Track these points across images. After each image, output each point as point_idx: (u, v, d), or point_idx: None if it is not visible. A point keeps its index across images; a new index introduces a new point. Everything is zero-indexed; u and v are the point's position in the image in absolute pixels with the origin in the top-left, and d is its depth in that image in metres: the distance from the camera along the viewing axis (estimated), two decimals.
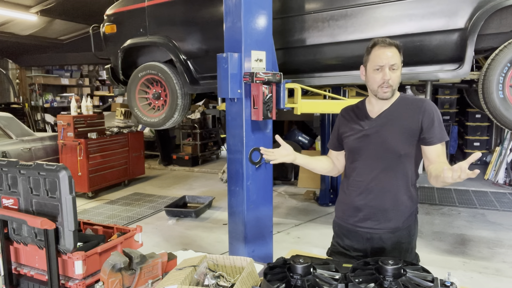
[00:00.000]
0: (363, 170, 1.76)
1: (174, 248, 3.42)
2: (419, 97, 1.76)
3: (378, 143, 1.70)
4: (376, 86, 1.67)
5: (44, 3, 7.90)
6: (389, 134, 1.69)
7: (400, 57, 1.66)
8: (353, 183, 1.80)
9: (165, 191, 6.41)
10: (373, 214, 1.74)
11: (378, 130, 1.71)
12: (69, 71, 11.69)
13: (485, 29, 2.83)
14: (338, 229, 1.91)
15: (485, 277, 3.36)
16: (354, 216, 1.79)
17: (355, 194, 1.78)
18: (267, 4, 2.75)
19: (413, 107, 1.68)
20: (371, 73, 1.69)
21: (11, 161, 2.06)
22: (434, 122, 1.64)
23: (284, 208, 5.40)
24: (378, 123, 1.72)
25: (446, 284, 1.30)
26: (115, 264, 1.54)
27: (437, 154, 1.65)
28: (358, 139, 1.76)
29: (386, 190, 1.72)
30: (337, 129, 1.90)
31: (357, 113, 1.82)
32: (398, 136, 1.67)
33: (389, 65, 1.63)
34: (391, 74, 1.63)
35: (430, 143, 1.65)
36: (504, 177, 6.43)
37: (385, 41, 1.65)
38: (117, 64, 4.27)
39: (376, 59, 1.65)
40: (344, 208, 1.86)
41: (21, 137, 5.58)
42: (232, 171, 2.83)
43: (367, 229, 1.76)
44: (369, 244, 1.78)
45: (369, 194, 1.74)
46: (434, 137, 1.64)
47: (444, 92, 7.77)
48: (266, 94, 2.68)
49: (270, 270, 1.40)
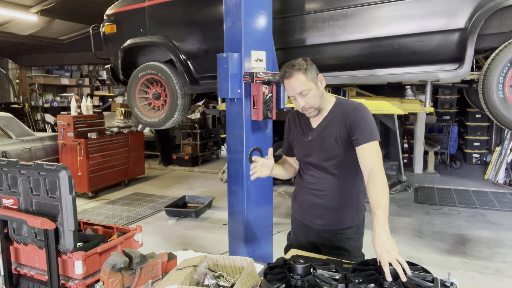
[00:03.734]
0: (313, 174, 1.88)
1: (174, 248, 3.42)
2: (351, 101, 1.82)
3: (321, 151, 1.81)
4: (300, 109, 1.79)
5: (44, 3, 7.90)
6: (328, 141, 1.79)
7: (308, 76, 1.69)
8: (307, 184, 1.92)
9: (165, 191, 6.41)
10: (323, 213, 1.87)
11: (319, 139, 1.82)
12: (69, 71, 11.69)
13: (485, 29, 2.83)
14: (294, 223, 2.06)
15: (485, 277, 3.36)
16: (308, 213, 1.93)
17: (308, 193, 1.91)
18: (267, 4, 2.75)
19: (343, 112, 1.76)
20: (292, 100, 1.79)
21: (11, 161, 2.06)
22: (360, 123, 1.69)
23: (284, 208, 5.40)
24: (318, 133, 1.82)
25: (446, 284, 1.30)
26: (115, 264, 1.54)
27: (363, 154, 1.67)
28: (304, 150, 1.88)
29: (335, 192, 1.83)
30: (287, 136, 2.02)
31: (301, 121, 1.92)
32: (335, 143, 1.77)
33: (297, 94, 1.72)
34: (304, 99, 1.72)
35: (357, 144, 1.70)
36: (504, 177, 6.43)
37: (286, 73, 1.72)
38: (117, 64, 4.27)
39: (287, 91, 1.77)
40: (300, 204, 1.99)
41: (21, 137, 5.58)
42: (232, 171, 2.83)
43: (318, 225, 1.91)
44: (320, 239, 1.92)
45: (320, 195, 1.86)
46: (360, 138, 1.68)
47: (444, 92, 7.78)
48: (266, 94, 2.68)
49: (270, 270, 1.40)
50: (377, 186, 1.55)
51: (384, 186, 1.56)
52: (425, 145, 7.14)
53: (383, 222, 1.45)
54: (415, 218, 4.85)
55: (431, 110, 3.35)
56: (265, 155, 2.83)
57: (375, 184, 1.56)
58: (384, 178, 1.59)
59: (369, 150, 1.67)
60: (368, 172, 1.62)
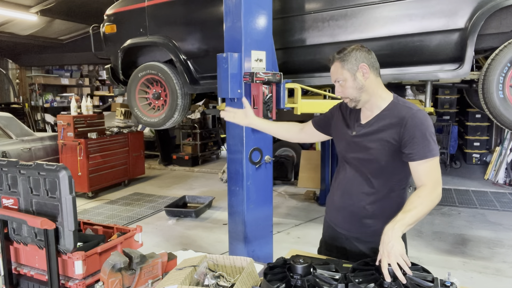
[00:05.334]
0: (347, 173, 1.76)
1: (174, 248, 3.42)
2: (410, 105, 1.61)
3: (363, 150, 1.67)
4: (339, 96, 1.73)
5: (44, 3, 7.90)
6: (374, 143, 1.63)
7: (345, 66, 1.61)
8: (339, 183, 1.81)
9: (165, 191, 6.41)
10: (350, 217, 1.74)
11: (364, 138, 1.67)
12: (69, 71, 11.69)
13: (485, 29, 2.83)
14: (325, 226, 1.96)
15: (485, 277, 3.36)
16: (334, 215, 1.84)
17: (338, 195, 1.80)
18: (267, 4, 2.75)
19: (399, 116, 1.58)
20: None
21: (11, 161, 2.06)
22: (415, 136, 1.51)
23: (284, 208, 5.40)
24: (365, 130, 1.67)
25: (446, 284, 1.30)
26: (115, 264, 1.54)
27: (419, 172, 1.53)
28: (347, 145, 1.75)
29: (364, 198, 1.69)
30: (331, 117, 1.89)
31: (351, 113, 1.78)
32: (382, 147, 1.61)
33: (335, 81, 1.67)
34: (341, 89, 1.66)
35: (410, 159, 1.54)
36: (504, 177, 6.43)
37: (330, 60, 1.68)
38: (117, 64, 4.27)
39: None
40: (328, 205, 1.91)
41: (21, 137, 5.58)
42: (232, 171, 2.83)
43: (345, 230, 1.78)
44: (348, 245, 1.78)
45: (351, 197, 1.73)
46: (414, 153, 1.51)
47: (444, 92, 7.78)
48: (266, 94, 2.68)
49: (270, 270, 1.40)
50: (418, 198, 1.46)
51: (425, 200, 1.45)
52: None
53: (399, 223, 1.37)
54: None
55: (431, 110, 3.35)
56: (265, 155, 2.83)
57: (417, 196, 1.46)
58: (431, 196, 1.47)
59: (425, 168, 1.51)
60: (419, 187, 1.51)
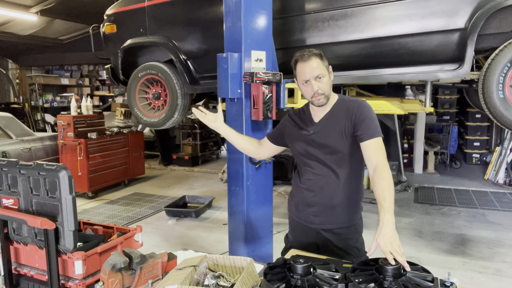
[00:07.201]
0: (312, 171, 1.87)
1: (174, 248, 3.41)
2: (354, 99, 1.86)
3: (323, 145, 1.82)
4: (309, 97, 1.79)
5: (44, 3, 7.90)
6: (331, 136, 1.80)
7: (324, 63, 1.76)
8: (304, 182, 1.91)
9: (165, 191, 6.41)
10: (320, 210, 1.87)
11: (322, 134, 1.83)
12: (69, 71, 11.69)
13: (485, 29, 2.83)
14: (292, 224, 2.05)
15: (485, 277, 3.36)
16: (305, 212, 1.92)
17: (306, 191, 1.90)
18: (267, 4, 2.75)
19: (348, 108, 1.78)
20: (301, 86, 1.81)
21: (11, 161, 2.06)
22: (364, 119, 1.72)
23: (284, 208, 5.40)
24: (321, 127, 1.84)
25: (446, 284, 1.30)
26: (115, 264, 1.54)
27: (369, 150, 1.70)
28: (306, 144, 1.87)
29: (333, 189, 1.83)
30: (283, 128, 2.01)
31: (303, 118, 1.93)
32: (339, 137, 1.78)
33: (313, 77, 1.74)
34: (318, 84, 1.74)
35: (361, 139, 1.72)
36: (504, 177, 6.42)
37: (304, 56, 1.75)
38: (117, 64, 4.27)
39: (301, 75, 1.77)
40: (296, 204, 1.98)
41: (21, 137, 5.58)
42: (232, 171, 2.83)
43: (316, 224, 1.89)
44: (320, 239, 1.90)
45: (318, 192, 1.85)
46: (365, 134, 1.71)
47: (444, 92, 7.78)
48: (266, 94, 2.68)
49: (270, 270, 1.40)
50: (383, 180, 1.58)
51: (390, 181, 1.59)
52: (425, 145, 7.14)
53: (391, 213, 1.47)
54: (415, 218, 4.85)
55: (431, 110, 3.36)
56: None
57: (381, 178, 1.59)
58: (390, 174, 1.61)
59: (374, 145, 1.70)
60: (374, 167, 1.65)
